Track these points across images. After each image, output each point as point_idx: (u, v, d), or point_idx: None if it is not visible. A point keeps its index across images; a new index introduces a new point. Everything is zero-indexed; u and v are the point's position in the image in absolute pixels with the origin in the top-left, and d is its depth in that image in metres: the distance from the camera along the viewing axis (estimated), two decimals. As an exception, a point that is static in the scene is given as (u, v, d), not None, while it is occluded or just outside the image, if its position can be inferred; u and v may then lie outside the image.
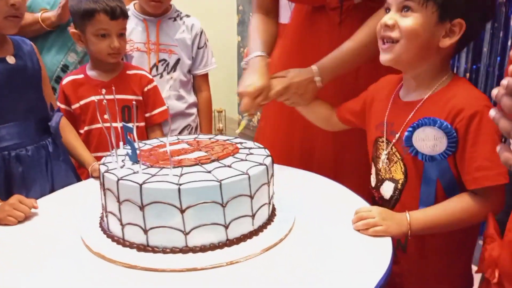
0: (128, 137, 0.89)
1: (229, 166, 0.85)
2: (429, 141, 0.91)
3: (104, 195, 0.88)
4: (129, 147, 0.91)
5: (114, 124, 0.93)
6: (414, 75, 0.97)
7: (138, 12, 1.67)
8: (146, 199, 0.79)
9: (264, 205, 0.88)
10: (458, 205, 0.91)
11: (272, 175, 0.92)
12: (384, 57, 0.95)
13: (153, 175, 0.82)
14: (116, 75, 1.45)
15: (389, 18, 0.92)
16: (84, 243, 0.86)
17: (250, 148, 0.97)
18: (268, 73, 1.14)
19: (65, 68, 1.68)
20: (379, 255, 0.81)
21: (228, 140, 1.03)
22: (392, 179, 1.01)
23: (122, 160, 0.91)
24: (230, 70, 4.01)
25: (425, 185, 0.96)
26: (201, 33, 1.71)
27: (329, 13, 1.20)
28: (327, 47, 1.19)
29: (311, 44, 1.26)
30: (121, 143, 1.01)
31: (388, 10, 0.95)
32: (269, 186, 0.89)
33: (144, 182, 0.79)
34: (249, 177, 0.82)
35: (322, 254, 0.81)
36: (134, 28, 1.66)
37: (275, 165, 0.94)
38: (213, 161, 0.88)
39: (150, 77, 1.52)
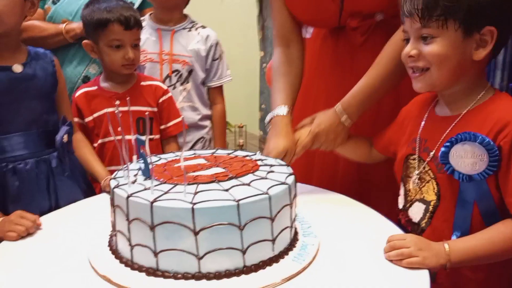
0: (141, 150, 0.83)
1: (248, 185, 0.78)
2: (468, 158, 0.83)
3: (114, 212, 0.82)
4: (142, 161, 0.85)
5: (127, 137, 0.88)
6: (450, 93, 0.91)
7: (154, 22, 1.64)
8: (157, 218, 0.72)
9: (285, 228, 0.80)
10: (502, 233, 0.82)
11: (295, 195, 0.84)
12: (417, 86, 0.90)
13: (165, 192, 0.76)
14: (131, 86, 1.40)
15: (412, 48, 0.87)
16: (90, 264, 0.80)
17: (271, 165, 0.90)
18: (291, 132, 1.09)
19: (86, 80, 1.64)
20: (414, 289, 0.72)
21: (247, 156, 0.96)
22: (422, 200, 0.93)
23: (135, 175, 0.85)
24: (252, 86, 3.97)
25: (460, 208, 0.87)
26: (217, 44, 1.67)
27: (349, 33, 1.13)
28: (349, 70, 1.13)
29: (331, 69, 1.20)
30: (134, 157, 0.95)
31: (406, 33, 0.89)
32: (291, 207, 0.82)
33: (155, 200, 0.73)
34: (269, 198, 0.75)
35: (349, 286, 0.73)
36: (148, 38, 1.62)
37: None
38: (231, 178, 0.81)
39: (165, 87, 1.47)
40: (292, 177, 0.84)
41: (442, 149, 0.86)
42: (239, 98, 2.47)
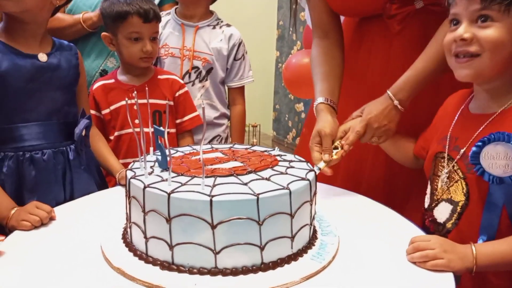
0: (159, 141, 0.82)
1: (268, 179, 0.76)
2: (500, 160, 0.79)
3: (129, 203, 0.80)
4: (159, 153, 0.83)
5: (144, 130, 0.86)
6: (489, 87, 0.86)
7: (178, 17, 1.62)
8: (174, 210, 0.70)
9: (305, 225, 0.78)
10: None
11: (315, 192, 0.82)
12: (462, 73, 0.85)
13: (183, 184, 0.74)
14: (147, 79, 1.40)
15: (465, 31, 0.81)
16: (104, 255, 0.78)
17: (290, 161, 0.88)
18: (332, 118, 1.05)
19: (103, 73, 1.64)
20: (439, 293, 0.69)
21: (266, 151, 0.94)
22: (450, 200, 0.90)
23: (151, 167, 0.83)
24: (267, 85, 3.95)
25: (488, 210, 0.84)
26: (240, 44, 1.64)
27: (386, 21, 1.09)
28: (385, 59, 1.09)
29: (365, 59, 1.16)
30: (151, 150, 0.93)
31: (455, 21, 0.85)
32: (311, 204, 0.79)
33: (172, 192, 0.71)
34: (290, 193, 0.73)
35: (370, 287, 0.70)
36: (171, 33, 1.61)
37: (317, 184, 0.84)
38: (249, 172, 0.79)
39: (182, 82, 1.46)
40: (313, 173, 0.81)
41: (473, 148, 0.82)
42: (253, 98, 2.45)
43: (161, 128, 0.78)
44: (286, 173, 0.80)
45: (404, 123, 1.04)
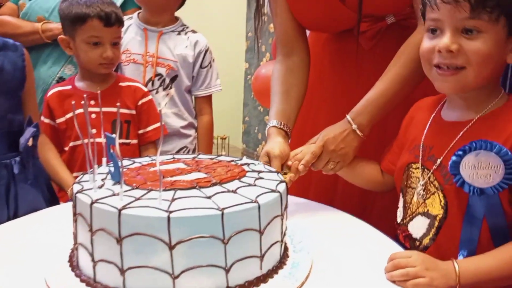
0: (111, 150, 0.72)
1: (234, 192, 0.68)
2: (482, 169, 0.74)
3: (75, 221, 0.70)
4: (112, 164, 0.74)
5: (99, 140, 0.78)
6: (467, 96, 0.81)
7: (141, 21, 1.54)
8: (126, 229, 0.61)
9: (275, 243, 0.70)
10: None
11: (286, 206, 0.74)
12: (444, 85, 0.79)
13: (137, 199, 0.65)
14: (108, 86, 1.31)
15: (451, 42, 0.75)
16: (46, 282, 0.68)
17: (259, 172, 0.80)
18: (284, 142, 0.97)
19: (60, 81, 1.54)
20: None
21: (233, 161, 0.86)
22: (426, 214, 0.84)
23: (102, 179, 0.74)
24: (236, 97, 3.91)
25: (468, 223, 0.78)
26: (206, 51, 1.57)
27: (357, 38, 1.04)
28: (356, 77, 1.04)
29: (335, 76, 1.10)
30: (104, 160, 0.83)
31: (434, 31, 0.79)
32: (282, 219, 0.72)
33: (124, 207, 0.62)
34: (259, 207, 0.65)
35: (349, 311, 0.63)
36: (133, 38, 1.52)
37: (288, 197, 0.77)
38: (214, 184, 0.70)
39: (145, 89, 1.38)
40: (283, 184, 0.74)
41: (453, 158, 0.76)
42: (222, 110, 2.39)
43: (112, 135, 0.69)
44: (255, 185, 0.72)
45: (372, 139, 0.99)
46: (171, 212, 0.60)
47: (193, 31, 1.58)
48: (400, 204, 0.91)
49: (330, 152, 0.94)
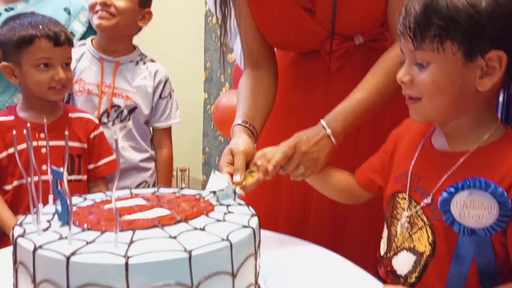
0: (58, 187, 0.63)
1: (202, 229, 0.60)
2: (475, 209, 0.68)
3: (16, 271, 0.60)
4: (59, 202, 0.65)
5: (44, 177, 0.69)
6: (454, 124, 0.77)
7: (95, 49, 1.45)
8: (75, 279, 0.52)
9: (249, 286, 0.62)
10: None
11: (260, 242, 0.67)
12: (411, 114, 0.77)
13: (89, 243, 0.56)
14: (56, 117, 1.20)
15: (404, 74, 0.73)
16: None
17: (228, 205, 0.73)
18: (249, 139, 0.92)
19: (10, 111, 1.41)
20: None
21: (198, 194, 0.78)
22: (413, 250, 0.78)
23: (48, 221, 0.64)
24: (195, 127, 3.83)
25: (456, 264, 0.73)
26: (166, 81, 1.50)
27: (324, 58, 1.01)
28: (322, 98, 1.00)
29: (302, 97, 1.07)
30: (51, 198, 0.74)
31: (402, 53, 0.76)
32: (256, 258, 0.64)
33: (73, 254, 0.53)
34: (231, 246, 0.57)
35: None
36: (88, 67, 1.43)
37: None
38: (178, 222, 0.63)
39: (97, 121, 1.29)
40: (256, 219, 0.67)
41: (444, 194, 0.70)
42: (182, 140, 2.31)
43: (59, 169, 0.61)
44: (225, 221, 0.65)
45: (347, 149, 0.95)
46: (129, 257, 0.52)
47: (152, 61, 1.51)
48: (384, 235, 0.85)
49: (301, 154, 0.88)
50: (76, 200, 0.74)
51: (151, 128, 1.52)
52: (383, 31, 0.97)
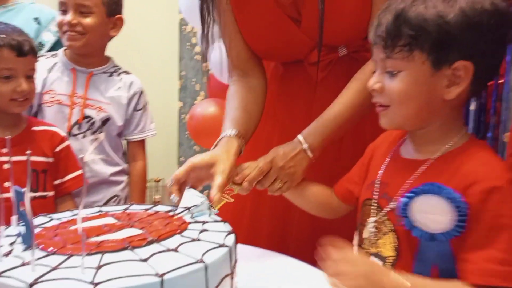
0: (21, 208, 0.59)
1: (175, 250, 0.58)
2: (432, 214, 0.69)
3: (-26, 301, 0.55)
4: (22, 224, 0.61)
5: (5, 195, 0.64)
6: (421, 132, 0.78)
7: (68, 59, 1.40)
8: (38, 309, 0.48)
9: (226, 308, 0.60)
10: None
11: (236, 261, 0.65)
12: (381, 122, 0.78)
13: (53, 268, 0.52)
14: (20, 131, 1.14)
15: (375, 81, 0.75)
16: None
17: (203, 223, 0.70)
18: (233, 154, 0.89)
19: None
20: None
21: (171, 211, 0.76)
22: (378, 256, 0.78)
23: (10, 244, 0.60)
24: (170, 137, 3.78)
25: (418, 268, 0.73)
26: (141, 93, 1.46)
27: (308, 68, 1.00)
28: (306, 108, 0.99)
29: (285, 107, 1.06)
30: (14, 219, 0.69)
31: (375, 62, 0.78)
32: (232, 278, 0.62)
33: (36, 281, 0.49)
34: (205, 267, 0.55)
35: None
36: (59, 78, 1.38)
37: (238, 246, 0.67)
38: (150, 242, 0.60)
39: (63, 134, 1.23)
40: (232, 236, 0.65)
41: (403, 199, 0.72)
42: (156, 150, 2.27)
43: (21, 189, 0.57)
44: (199, 240, 0.62)
45: (325, 163, 0.94)
46: (96, 284, 0.48)
47: (127, 72, 1.47)
48: (355, 242, 0.86)
49: (278, 169, 0.88)
50: (41, 220, 0.70)
51: (123, 141, 1.48)
52: (365, 43, 0.98)
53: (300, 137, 0.91)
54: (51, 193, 1.16)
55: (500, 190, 0.67)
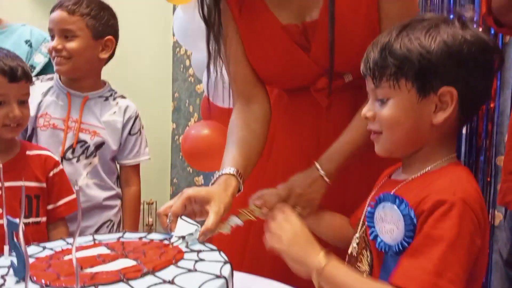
0: (14, 239, 0.58)
1: (171, 283, 0.57)
2: (388, 223, 0.72)
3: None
4: (15, 254, 0.60)
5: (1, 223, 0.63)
6: (410, 157, 0.80)
7: (63, 84, 1.40)
8: None
9: None
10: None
11: (233, 291, 0.64)
12: (375, 149, 0.81)
13: (46, 302, 0.51)
14: (13, 156, 1.13)
15: (368, 109, 0.79)
16: None
17: (198, 252, 0.69)
18: (230, 193, 0.88)
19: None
20: None
21: (166, 239, 0.75)
22: (357, 270, 0.79)
23: (3, 276, 0.59)
24: (163, 159, 3.77)
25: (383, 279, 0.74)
26: (136, 118, 1.46)
27: (314, 94, 1.01)
28: (314, 134, 1.00)
29: (291, 134, 1.06)
30: (6, 249, 0.68)
31: (368, 93, 0.81)
32: (229, 309, 0.61)
33: (28, 317, 0.48)
34: (202, 300, 0.54)
35: None
36: (55, 101, 1.37)
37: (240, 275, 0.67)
38: (145, 274, 0.59)
39: (56, 158, 1.22)
40: (228, 266, 0.64)
41: (368, 208, 0.76)
42: (149, 173, 2.25)
43: (15, 220, 0.56)
44: (195, 270, 0.61)
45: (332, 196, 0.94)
46: (91, 319, 0.47)
47: (122, 97, 1.47)
48: (347, 259, 0.86)
49: (297, 195, 0.90)
50: (34, 250, 0.69)
51: (117, 165, 1.47)
52: None
53: (317, 164, 0.93)
54: (44, 219, 1.14)
55: (447, 204, 0.67)
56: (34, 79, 1.45)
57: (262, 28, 0.99)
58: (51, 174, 1.17)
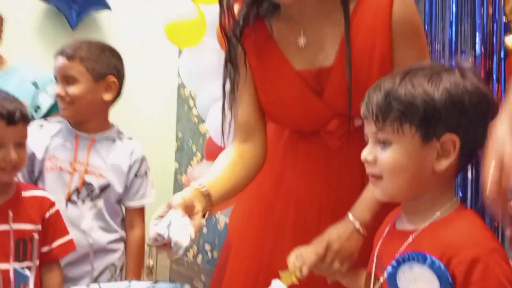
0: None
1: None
2: (417, 283, 0.70)
3: None
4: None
5: (2, 266, 0.62)
6: (411, 203, 0.81)
7: (72, 126, 1.41)
8: None
9: None
10: None
11: None
12: (375, 193, 0.82)
13: None
14: (9, 198, 1.13)
15: (368, 152, 0.79)
16: None
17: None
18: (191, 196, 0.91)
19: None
20: None
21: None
22: None
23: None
24: (165, 198, 3.73)
25: None
26: (142, 160, 1.47)
27: (324, 137, 1.02)
28: (324, 176, 1.00)
29: (302, 175, 1.05)
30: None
31: (366, 135, 0.82)
32: None
33: None
34: None
35: None
36: (62, 144, 1.39)
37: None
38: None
39: (52, 199, 1.21)
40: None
41: (389, 268, 0.74)
42: (151, 213, 2.23)
43: (26, 272, 0.55)
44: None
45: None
46: None
47: (130, 138, 1.48)
48: None
49: (335, 252, 0.88)
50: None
51: (122, 207, 1.46)
52: None
53: (351, 216, 0.92)
54: (37, 262, 1.12)
55: (482, 260, 0.67)
56: (41, 120, 1.47)
57: (276, 74, 1.01)
58: (47, 215, 1.16)
